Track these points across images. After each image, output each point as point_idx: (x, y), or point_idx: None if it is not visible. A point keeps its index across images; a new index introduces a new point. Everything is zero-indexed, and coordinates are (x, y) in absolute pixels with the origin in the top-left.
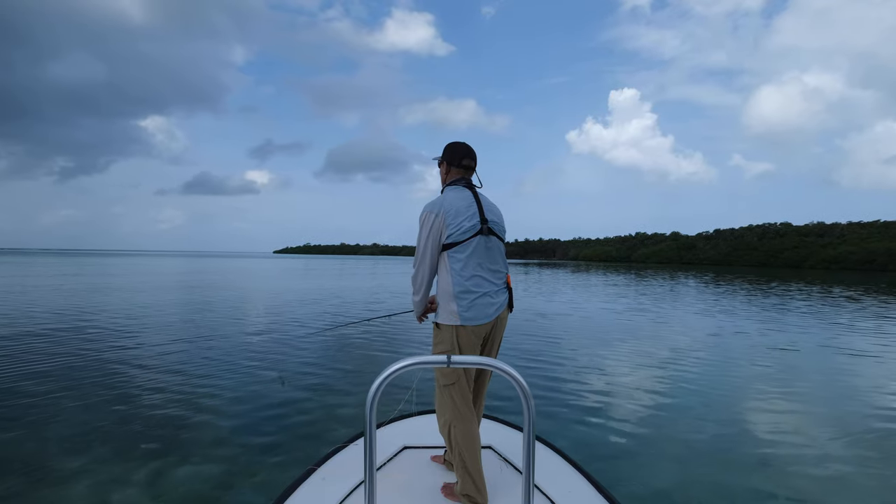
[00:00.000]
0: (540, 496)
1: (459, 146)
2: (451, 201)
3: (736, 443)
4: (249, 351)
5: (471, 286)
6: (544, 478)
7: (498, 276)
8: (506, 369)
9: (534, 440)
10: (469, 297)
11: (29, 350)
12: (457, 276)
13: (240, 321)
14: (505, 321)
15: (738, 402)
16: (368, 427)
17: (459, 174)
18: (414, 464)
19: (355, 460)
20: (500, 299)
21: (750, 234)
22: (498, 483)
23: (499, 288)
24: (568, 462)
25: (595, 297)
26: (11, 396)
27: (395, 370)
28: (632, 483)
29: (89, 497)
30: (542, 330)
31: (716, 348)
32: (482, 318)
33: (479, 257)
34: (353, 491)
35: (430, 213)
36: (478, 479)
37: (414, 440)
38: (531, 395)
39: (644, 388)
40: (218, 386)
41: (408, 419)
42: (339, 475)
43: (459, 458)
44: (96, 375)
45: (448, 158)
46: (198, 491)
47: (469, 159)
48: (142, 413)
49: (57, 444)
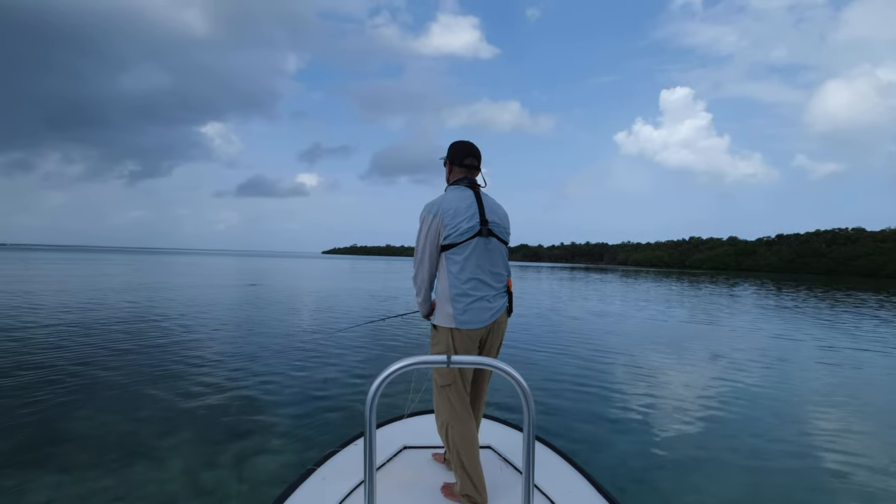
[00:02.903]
0: (540, 496)
1: (463, 145)
2: (450, 201)
3: (783, 462)
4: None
5: (468, 289)
6: (544, 478)
7: (498, 279)
8: (506, 369)
9: (534, 440)
10: (465, 300)
11: (116, 340)
12: (454, 279)
13: (273, 321)
14: (503, 325)
15: (791, 418)
16: (368, 427)
17: (462, 173)
18: (414, 464)
19: (355, 460)
20: (497, 304)
21: (817, 239)
22: (498, 483)
23: (497, 292)
24: (568, 462)
25: (654, 304)
26: (102, 381)
27: (395, 370)
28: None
29: (182, 475)
30: (590, 336)
31: (777, 361)
32: (477, 323)
33: (479, 259)
34: (353, 491)
35: (428, 214)
36: (476, 479)
37: (414, 440)
38: (531, 395)
39: (691, 401)
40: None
41: (408, 419)
42: (339, 475)
43: (457, 459)
44: (167, 363)
45: (451, 157)
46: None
47: (472, 158)
48: (207, 401)
49: (147, 426)
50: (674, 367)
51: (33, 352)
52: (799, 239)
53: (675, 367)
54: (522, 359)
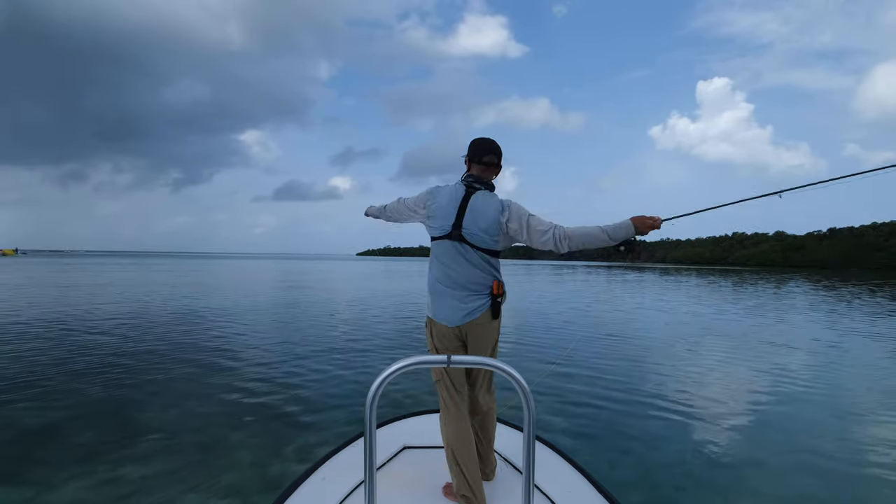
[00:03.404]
0: (540, 496)
1: (482, 142)
2: (441, 196)
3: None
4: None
5: (438, 286)
6: (544, 478)
7: (472, 281)
8: (505, 369)
9: (534, 440)
10: (435, 295)
11: (175, 340)
12: (430, 274)
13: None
14: (488, 328)
15: (837, 425)
16: (368, 427)
17: (479, 171)
18: (414, 464)
19: (355, 460)
20: (471, 305)
21: (874, 232)
22: (498, 483)
23: (471, 293)
24: (568, 462)
25: (708, 305)
26: (169, 379)
27: (395, 370)
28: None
29: (252, 467)
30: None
31: (831, 363)
32: (447, 320)
33: (449, 260)
34: (353, 491)
35: (427, 192)
36: (472, 479)
37: (414, 440)
38: (531, 394)
39: (740, 407)
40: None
41: (408, 419)
42: (339, 475)
43: (452, 456)
44: (223, 360)
45: (470, 155)
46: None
47: (492, 155)
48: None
49: (210, 419)
50: (718, 370)
51: (110, 351)
52: (853, 232)
53: (720, 370)
54: (526, 358)
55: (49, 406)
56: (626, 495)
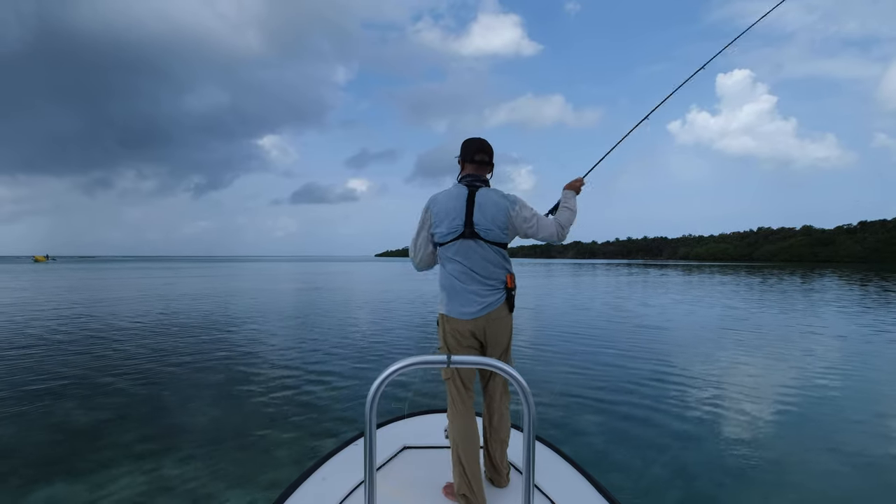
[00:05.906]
0: (540, 496)
1: (472, 141)
2: (442, 201)
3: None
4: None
5: (455, 280)
6: (544, 478)
7: (488, 275)
8: (505, 369)
9: (534, 440)
10: (452, 290)
11: (208, 342)
12: (443, 270)
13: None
14: (504, 322)
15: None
16: (368, 427)
17: (472, 170)
18: (414, 464)
19: (355, 460)
20: (489, 298)
21: None
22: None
23: (488, 287)
24: (568, 462)
25: (744, 303)
26: (205, 382)
27: (396, 370)
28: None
29: (252, 467)
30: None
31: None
32: (465, 314)
33: (464, 258)
34: (353, 491)
35: (425, 209)
36: (473, 479)
37: (414, 440)
38: (531, 394)
39: (764, 405)
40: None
41: (408, 419)
42: (339, 475)
43: (456, 456)
44: (252, 362)
45: (462, 155)
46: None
47: (482, 154)
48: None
49: (250, 418)
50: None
51: (149, 354)
52: (886, 226)
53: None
54: (532, 358)
55: (97, 406)
56: (627, 495)
